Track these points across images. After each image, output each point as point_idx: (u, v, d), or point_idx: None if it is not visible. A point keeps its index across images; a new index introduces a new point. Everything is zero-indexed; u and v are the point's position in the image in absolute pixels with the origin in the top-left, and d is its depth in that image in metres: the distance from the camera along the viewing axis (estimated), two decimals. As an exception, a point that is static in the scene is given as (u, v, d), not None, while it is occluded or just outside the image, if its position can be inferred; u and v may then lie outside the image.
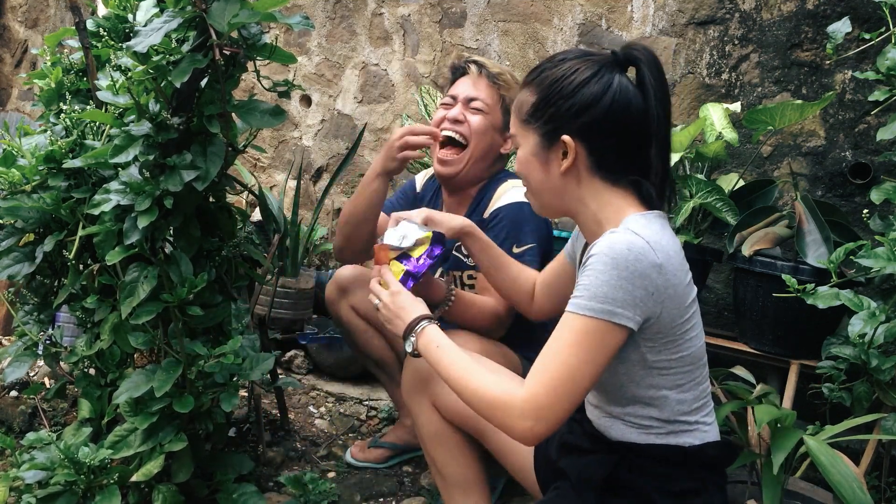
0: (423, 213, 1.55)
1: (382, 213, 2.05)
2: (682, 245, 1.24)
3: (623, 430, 1.25)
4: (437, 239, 1.48)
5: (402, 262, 1.45)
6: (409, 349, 1.33)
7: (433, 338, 1.29)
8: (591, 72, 1.21)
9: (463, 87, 1.90)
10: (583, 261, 1.18)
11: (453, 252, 1.91)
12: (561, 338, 1.14)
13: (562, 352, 1.13)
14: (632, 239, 1.12)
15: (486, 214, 1.84)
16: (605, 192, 1.24)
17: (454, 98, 1.91)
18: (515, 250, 1.74)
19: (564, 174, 1.24)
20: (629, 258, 1.10)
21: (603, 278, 1.10)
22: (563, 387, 1.11)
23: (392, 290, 1.39)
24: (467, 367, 1.23)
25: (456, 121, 1.87)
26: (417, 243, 1.47)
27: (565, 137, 1.21)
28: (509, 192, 1.84)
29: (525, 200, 1.80)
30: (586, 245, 1.38)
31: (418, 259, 1.46)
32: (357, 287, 2.06)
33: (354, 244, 1.94)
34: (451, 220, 1.55)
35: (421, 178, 2.12)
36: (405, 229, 1.47)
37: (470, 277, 1.90)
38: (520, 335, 1.78)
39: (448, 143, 1.87)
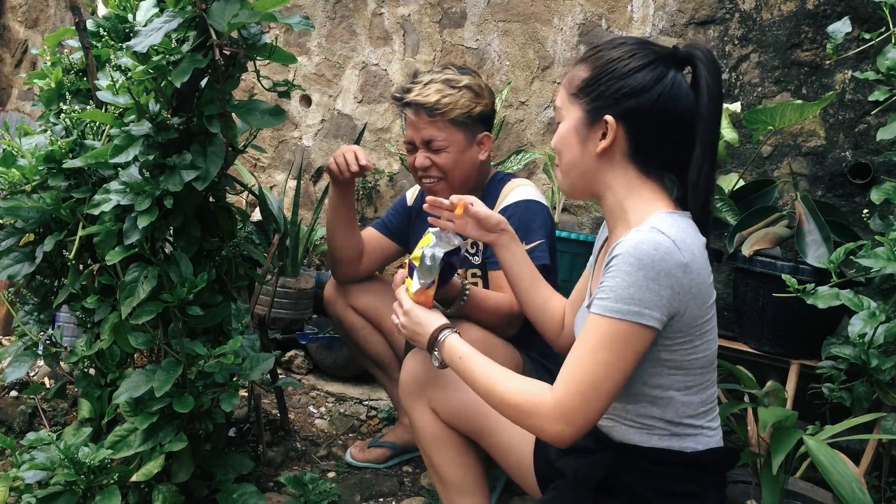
0: (465, 200, 1.51)
1: (374, 231, 2.08)
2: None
3: (625, 431, 1.24)
4: (449, 253, 1.44)
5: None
6: (435, 363, 1.35)
7: (456, 348, 1.31)
8: (647, 59, 1.20)
9: (412, 130, 1.87)
10: (606, 260, 1.17)
11: None
12: (588, 340, 1.13)
13: (589, 355, 1.12)
14: (658, 238, 1.11)
15: None
16: (636, 181, 1.24)
17: (411, 143, 1.89)
18: (525, 247, 1.73)
19: (600, 155, 1.24)
20: (655, 258, 1.09)
21: (629, 279, 1.10)
22: (591, 390, 1.12)
23: (405, 309, 1.40)
24: (493, 374, 1.24)
25: (424, 169, 1.87)
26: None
27: (608, 117, 1.21)
28: (516, 191, 1.85)
29: (531, 198, 1.82)
30: (607, 239, 1.38)
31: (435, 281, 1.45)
32: (355, 285, 2.07)
33: (344, 256, 1.98)
34: (490, 217, 1.51)
35: (411, 193, 2.13)
36: (428, 254, 1.41)
37: (473, 276, 1.91)
38: (522, 333, 1.78)
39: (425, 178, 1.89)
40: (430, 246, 1.42)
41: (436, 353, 1.34)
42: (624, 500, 1.23)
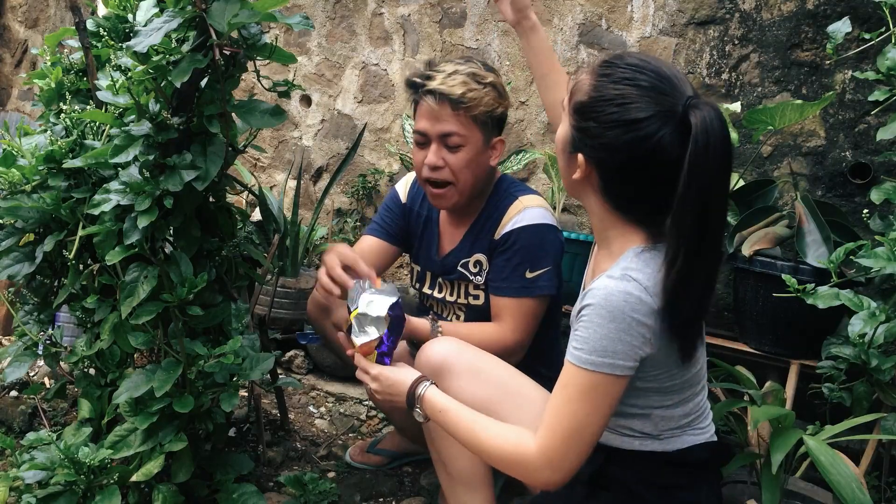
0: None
1: (373, 239, 1.96)
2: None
3: (608, 436, 1.26)
4: (393, 316, 1.46)
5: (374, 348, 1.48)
6: (419, 419, 1.37)
7: (435, 402, 1.32)
8: (639, 115, 1.12)
9: (430, 122, 1.70)
10: (578, 304, 1.18)
11: (458, 268, 1.83)
12: (566, 390, 1.16)
13: (568, 404, 1.15)
14: (627, 288, 1.11)
15: (498, 235, 1.75)
16: (614, 214, 1.23)
17: (425, 135, 1.72)
18: (529, 275, 1.69)
19: (578, 182, 1.23)
20: (625, 310, 1.10)
21: (602, 332, 1.11)
22: (572, 438, 1.14)
23: (373, 374, 1.41)
24: (475, 424, 1.26)
25: (435, 168, 1.71)
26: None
27: (580, 157, 1.20)
28: (524, 213, 1.73)
29: (541, 221, 1.72)
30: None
31: (387, 336, 1.46)
32: (338, 305, 1.95)
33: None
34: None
35: (403, 187, 1.99)
36: (365, 308, 1.44)
37: (476, 287, 1.83)
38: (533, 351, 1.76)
39: (434, 182, 1.75)
40: (370, 301, 1.46)
41: (417, 408, 1.35)
42: (615, 493, 1.25)
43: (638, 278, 1.13)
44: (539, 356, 1.80)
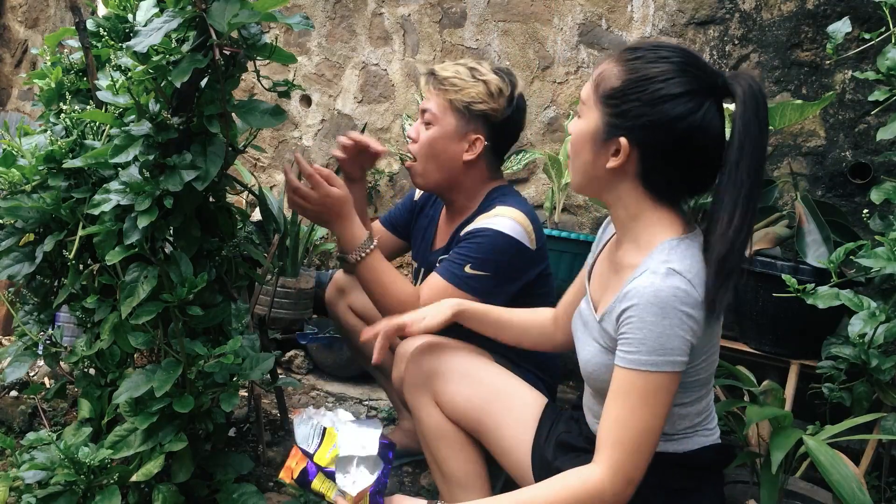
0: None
1: (379, 226, 2.06)
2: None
3: None
4: (383, 445, 1.33)
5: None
6: None
7: None
8: (682, 88, 1.14)
9: (423, 99, 1.87)
10: (619, 306, 1.15)
11: (437, 263, 1.84)
12: (627, 399, 1.12)
13: (633, 413, 1.12)
14: (675, 283, 1.10)
15: (464, 233, 1.77)
16: (647, 202, 1.22)
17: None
18: (467, 270, 1.68)
19: (612, 171, 1.22)
20: (676, 304, 1.10)
21: (657, 330, 1.10)
22: (642, 445, 1.12)
23: None
24: (521, 499, 1.19)
25: (412, 139, 1.84)
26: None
27: (623, 140, 1.18)
28: (493, 220, 1.73)
29: (504, 231, 1.69)
30: (611, 240, 1.36)
31: (382, 472, 1.33)
32: (355, 287, 2.05)
33: None
34: (436, 318, 1.49)
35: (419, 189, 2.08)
36: (352, 448, 1.30)
37: None
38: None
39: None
40: (351, 439, 1.29)
41: None
42: None
43: (681, 270, 1.12)
44: (534, 358, 1.80)
